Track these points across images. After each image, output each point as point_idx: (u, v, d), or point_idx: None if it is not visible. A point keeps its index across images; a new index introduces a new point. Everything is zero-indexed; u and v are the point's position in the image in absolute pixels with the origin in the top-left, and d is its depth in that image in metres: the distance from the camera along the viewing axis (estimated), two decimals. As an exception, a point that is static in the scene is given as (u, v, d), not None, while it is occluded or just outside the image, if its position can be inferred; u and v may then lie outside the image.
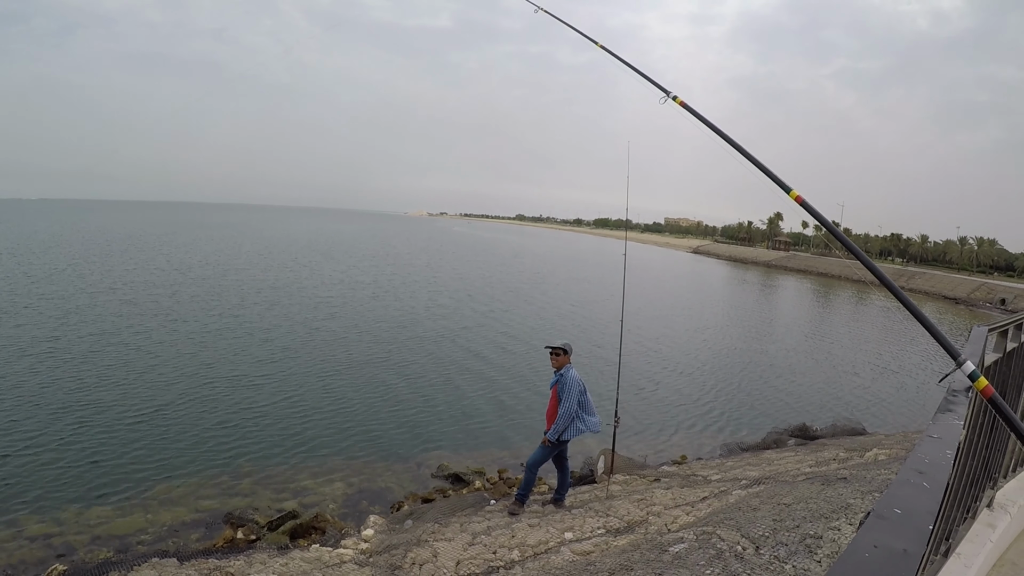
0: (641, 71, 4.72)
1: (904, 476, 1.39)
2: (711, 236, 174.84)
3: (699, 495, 8.16)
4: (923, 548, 1.11)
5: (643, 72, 4.69)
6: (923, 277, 75.75)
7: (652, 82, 4.54)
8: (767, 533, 5.09)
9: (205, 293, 28.35)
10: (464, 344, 21.30)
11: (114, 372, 15.33)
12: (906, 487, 1.34)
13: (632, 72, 4.80)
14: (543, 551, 6.43)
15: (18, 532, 8.17)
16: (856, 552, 1.07)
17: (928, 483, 1.36)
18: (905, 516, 1.20)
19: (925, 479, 1.38)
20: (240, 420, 12.70)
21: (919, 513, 1.22)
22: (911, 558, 1.06)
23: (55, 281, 29.69)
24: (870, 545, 1.08)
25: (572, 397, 7.49)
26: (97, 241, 58.33)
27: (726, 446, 13.01)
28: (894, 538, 1.11)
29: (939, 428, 1.74)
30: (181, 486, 9.75)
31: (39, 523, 8.41)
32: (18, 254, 41.96)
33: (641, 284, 47.23)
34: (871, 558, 1.05)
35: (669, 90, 4.37)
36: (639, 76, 4.69)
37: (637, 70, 4.79)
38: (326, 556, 6.96)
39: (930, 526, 1.19)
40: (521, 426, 13.43)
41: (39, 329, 19.33)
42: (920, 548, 1.10)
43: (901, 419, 16.41)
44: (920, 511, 1.23)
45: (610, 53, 5.36)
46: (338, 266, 46.01)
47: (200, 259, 44.43)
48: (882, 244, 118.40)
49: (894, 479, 1.39)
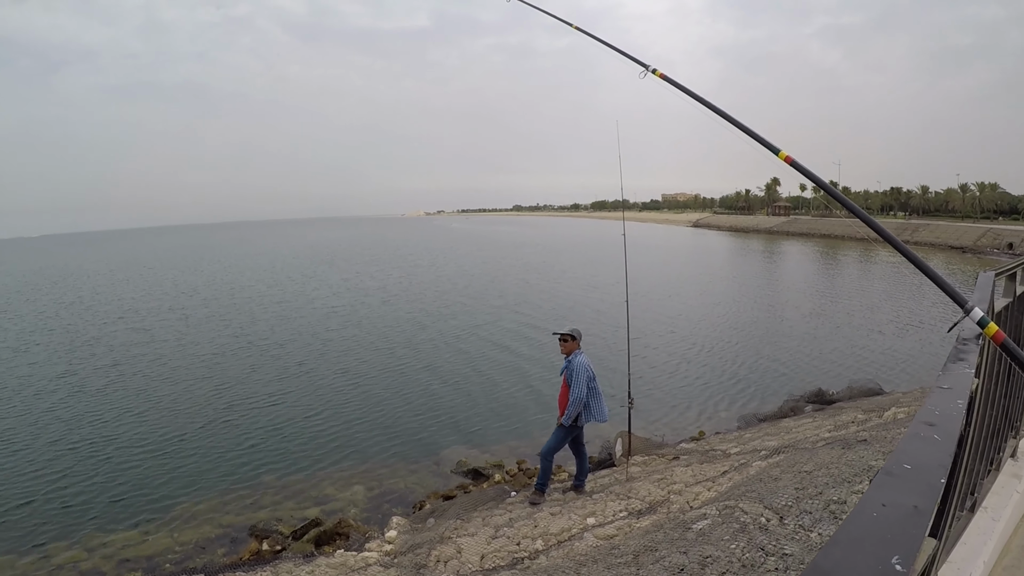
0: (617, 47, 4.65)
1: (914, 430, 1.33)
2: (710, 208, 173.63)
3: (719, 470, 8.13)
4: (934, 503, 1.06)
5: (619, 48, 4.62)
6: (927, 229, 75.04)
7: (629, 57, 4.47)
8: (790, 502, 5.04)
9: (215, 314, 28.38)
10: (474, 341, 21.30)
11: (132, 397, 15.42)
12: (916, 441, 1.28)
13: (609, 50, 4.73)
14: (566, 538, 6.40)
15: (46, 560, 8.25)
16: (864, 512, 1.02)
17: (939, 435, 1.31)
18: (915, 471, 1.15)
19: (936, 431, 1.32)
20: (259, 434, 12.74)
21: (930, 467, 1.17)
22: (922, 514, 1.00)
23: (64, 315, 29.98)
24: (878, 504, 1.03)
25: (581, 382, 7.47)
26: (101, 271, 58.61)
27: (743, 418, 12.95)
28: (904, 495, 1.06)
29: (949, 378, 1.68)
30: (204, 503, 9.80)
31: (67, 550, 8.48)
32: (26, 291, 42.28)
33: (645, 263, 47.13)
34: (880, 516, 1.00)
35: (648, 64, 4.30)
36: (616, 53, 4.62)
37: (613, 47, 4.72)
38: (351, 560, 6.95)
39: (942, 480, 1.14)
40: (537, 416, 13.40)
41: (55, 361, 19.48)
42: (931, 503, 1.05)
43: (918, 375, 16.23)
44: (931, 465, 1.18)
45: (585, 33, 5.30)
46: (343, 274, 46.05)
47: (206, 280, 44.53)
48: (883, 199, 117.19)
49: (904, 434, 1.33)
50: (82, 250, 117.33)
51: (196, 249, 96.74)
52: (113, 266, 65.19)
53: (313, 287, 37.69)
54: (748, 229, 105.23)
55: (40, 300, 35.59)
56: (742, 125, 3.43)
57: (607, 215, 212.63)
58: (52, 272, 58.95)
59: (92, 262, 71.64)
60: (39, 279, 50.89)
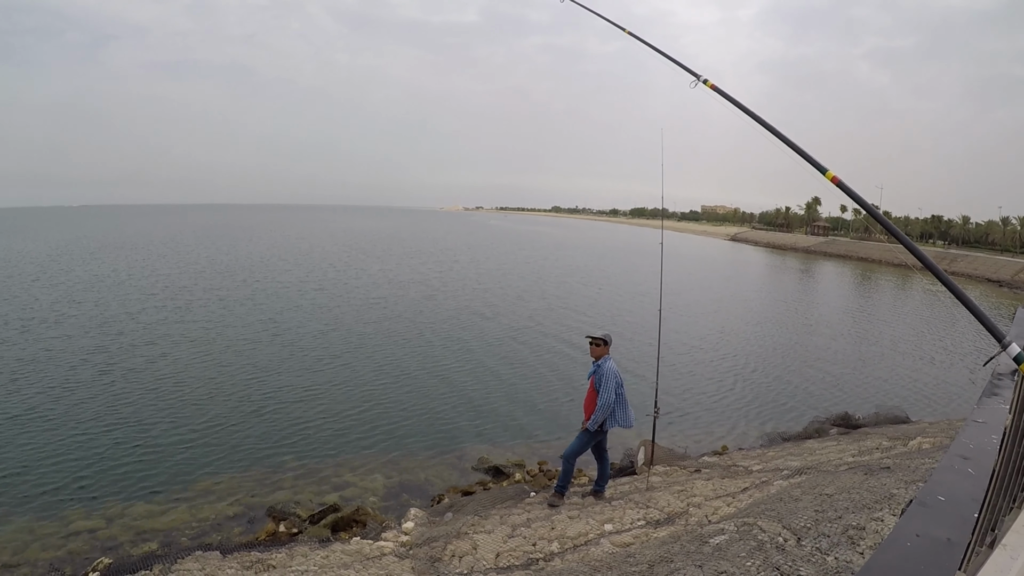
0: (671, 56, 4.65)
1: (948, 462, 1.34)
2: (748, 223, 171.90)
3: (740, 486, 8.07)
4: (968, 537, 1.07)
5: (673, 57, 4.61)
6: (965, 260, 73.53)
7: (682, 66, 4.46)
8: (809, 524, 5.00)
9: (251, 296, 28.55)
10: (507, 339, 21.32)
11: (159, 371, 15.73)
12: (950, 473, 1.29)
13: (662, 57, 4.73)
14: (583, 543, 6.41)
15: (65, 526, 8.46)
16: (898, 541, 1.03)
17: (973, 469, 1.31)
18: (949, 503, 1.16)
19: (970, 465, 1.33)
20: (284, 416, 12.92)
21: (963, 501, 1.18)
22: (955, 547, 1.01)
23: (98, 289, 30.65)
24: (912, 534, 1.04)
25: (609, 387, 7.48)
26: (139, 245, 59.66)
27: (767, 436, 12.83)
28: (937, 526, 1.07)
29: (984, 412, 1.68)
30: (224, 481, 9.96)
31: (85, 518, 8.69)
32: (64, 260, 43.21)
33: (680, 273, 46.78)
34: (913, 547, 1.01)
35: (699, 74, 4.29)
36: (669, 61, 4.61)
37: (666, 55, 4.72)
38: (367, 549, 7.02)
39: (975, 514, 1.14)
40: (561, 418, 13.41)
41: (87, 334, 19.94)
42: (964, 537, 1.06)
43: (946, 406, 15.94)
44: (964, 498, 1.19)
45: (639, 39, 5.29)
46: (383, 264, 45.89)
47: (245, 261, 44.78)
48: (923, 226, 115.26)
49: (937, 466, 1.34)
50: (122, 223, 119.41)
51: (236, 229, 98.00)
52: (154, 240, 66.43)
53: (353, 276, 37.65)
54: (785, 246, 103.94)
55: (76, 271, 36.23)
56: (791, 142, 3.42)
57: (646, 222, 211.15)
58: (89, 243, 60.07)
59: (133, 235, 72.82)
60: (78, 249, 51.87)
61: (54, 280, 31.88)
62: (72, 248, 53.71)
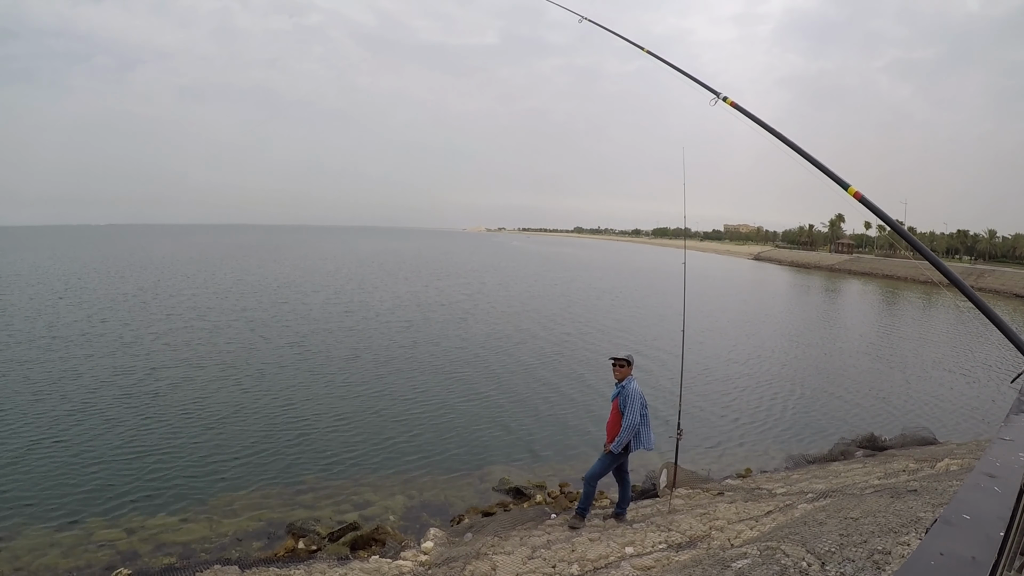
0: (690, 74, 4.64)
1: (974, 480, 1.30)
2: (771, 242, 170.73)
3: (763, 509, 7.94)
4: (993, 556, 1.03)
5: (692, 75, 4.61)
6: (993, 275, 72.10)
7: (702, 84, 4.46)
8: (833, 548, 4.89)
9: (279, 317, 28.64)
10: (527, 359, 21.27)
11: (183, 387, 15.88)
12: (975, 492, 1.25)
13: (681, 76, 4.73)
14: (603, 566, 6.33)
15: (87, 536, 8.56)
16: (921, 560, 1.00)
17: (999, 487, 1.27)
18: (974, 522, 1.12)
19: (996, 483, 1.29)
20: (304, 434, 12.96)
21: (989, 519, 1.14)
22: (980, 566, 0.98)
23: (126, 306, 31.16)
24: (936, 553, 1.01)
25: (635, 409, 7.41)
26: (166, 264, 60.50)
27: (791, 458, 12.62)
28: (962, 545, 1.04)
29: (1012, 430, 1.63)
30: (244, 497, 10.01)
31: (107, 529, 8.79)
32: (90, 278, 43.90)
33: (703, 293, 46.44)
34: (937, 566, 0.98)
35: (719, 91, 4.28)
36: (688, 79, 4.61)
37: (686, 73, 4.72)
38: (385, 568, 7.00)
39: (1001, 532, 1.10)
40: (583, 440, 13.29)
41: (113, 349, 20.21)
42: (990, 556, 1.02)
43: (974, 426, 15.59)
44: (990, 517, 1.15)
45: (658, 58, 5.30)
46: (411, 286, 45.54)
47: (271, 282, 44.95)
48: (948, 242, 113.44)
49: (963, 484, 1.30)
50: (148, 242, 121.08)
51: (261, 249, 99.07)
52: (180, 259, 67.35)
53: (381, 298, 37.31)
54: (809, 265, 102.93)
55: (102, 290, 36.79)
56: (813, 158, 3.39)
57: (668, 242, 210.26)
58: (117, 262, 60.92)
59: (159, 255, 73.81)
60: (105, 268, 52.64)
61: (80, 298, 32.45)
62: (100, 267, 54.64)
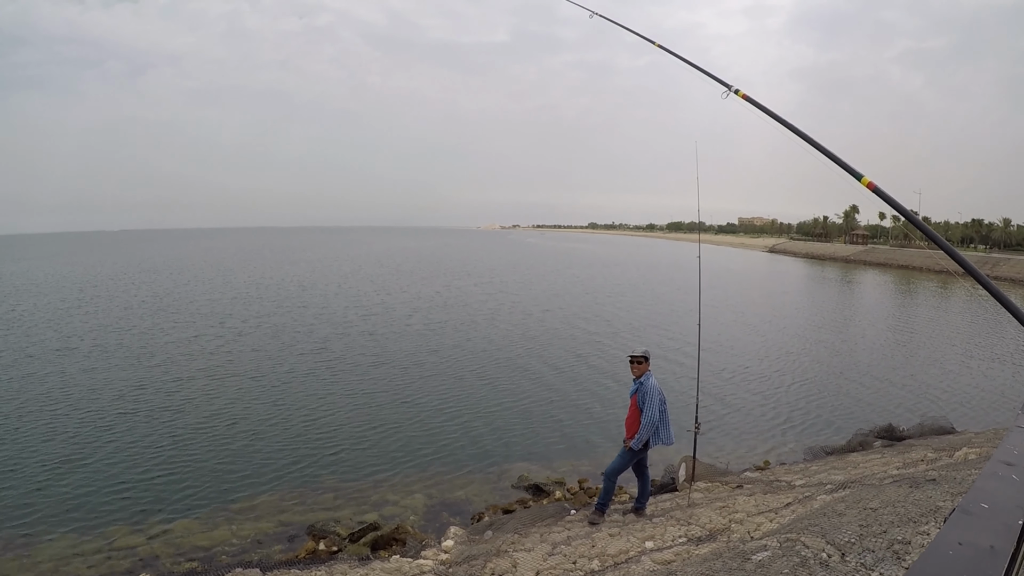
0: (701, 67, 4.63)
1: (991, 469, 1.30)
2: (786, 234, 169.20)
3: (783, 501, 7.91)
4: (1012, 545, 1.03)
5: (704, 68, 4.60)
6: (1008, 264, 71.04)
7: (713, 77, 4.45)
8: (853, 539, 4.87)
9: (299, 321, 28.51)
10: (545, 356, 21.31)
11: (202, 394, 16.01)
12: (993, 480, 1.25)
13: (693, 69, 4.72)
14: (623, 560, 6.33)
15: (108, 543, 8.66)
16: (939, 550, 1.00)
17: (1017, 476, 1.27)
18: (992, 511, 1.12)
19: (1014, 472, 1.29)
20: (323, 435, 13.05)
21: (1007, 508, 1.14)
22: (999, 555, 0.98)
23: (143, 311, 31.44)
24: (954, 542, 1.02)
25: (653, 405, 7.39)
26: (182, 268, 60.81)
27: (810, 450, 12.56)
28: (980, 535, 1.04)
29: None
30: (264, 499, 10.09)
31: (128, 534, 8.90)
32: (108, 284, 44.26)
33: (718, 287, 46.23)
34: (955, 556, 0.98)
35: (731, 84, 4.27)
36: (700, 73, 4.60)
37: (698, 67, 4.71)
38: (406, 567, 7.03)
39: (1020, 521, 1.11)
40: (602, 436, 13.29)
41: (132, 356, 20.43)
42: (1009, 545, 1.02)
43: (992, 415, 15.43)
44: (1008, 506, 1.15)
45: (669, 52, 5.29)
46: (432, 286, 45.07)
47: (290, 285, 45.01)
48: (963, 231, 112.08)
49: (981, 472, 1.30)
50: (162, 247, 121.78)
51: (276, 251, 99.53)
52: (196, 263, 67.76)
53: (400, 300, 36.87)
54: (824, 256, 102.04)
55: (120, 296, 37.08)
56: (825, 149, 3.38)
57: (683, 236, 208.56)
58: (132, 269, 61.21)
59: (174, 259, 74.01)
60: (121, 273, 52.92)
61: (96, 306, 32.80)
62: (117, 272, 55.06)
